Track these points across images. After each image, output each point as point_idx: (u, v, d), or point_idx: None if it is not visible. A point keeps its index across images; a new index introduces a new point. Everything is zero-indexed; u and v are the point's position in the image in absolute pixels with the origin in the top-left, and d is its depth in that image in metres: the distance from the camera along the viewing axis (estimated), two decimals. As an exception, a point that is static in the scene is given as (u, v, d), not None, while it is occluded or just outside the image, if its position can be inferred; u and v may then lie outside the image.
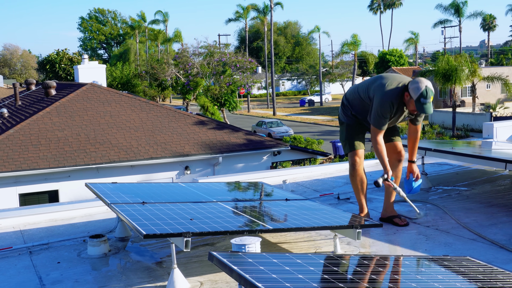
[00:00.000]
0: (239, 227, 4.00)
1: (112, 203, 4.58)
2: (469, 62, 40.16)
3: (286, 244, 4.75)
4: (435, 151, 6.44)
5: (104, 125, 19.60)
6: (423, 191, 6.50)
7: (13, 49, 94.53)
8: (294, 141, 32.94)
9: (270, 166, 20.48)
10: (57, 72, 64.06)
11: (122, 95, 22.00)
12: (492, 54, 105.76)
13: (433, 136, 36.60)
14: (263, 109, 71.10)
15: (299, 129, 47.71)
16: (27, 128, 18.70)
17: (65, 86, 24.84)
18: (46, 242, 5.08)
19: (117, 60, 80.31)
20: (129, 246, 4.87)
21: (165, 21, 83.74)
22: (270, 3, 62.22)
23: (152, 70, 48.11)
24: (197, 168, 19.40)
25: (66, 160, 17.47)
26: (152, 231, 3.61)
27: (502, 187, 6.53)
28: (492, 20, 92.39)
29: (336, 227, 4.25)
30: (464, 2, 65.59)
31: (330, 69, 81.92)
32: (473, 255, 4.16)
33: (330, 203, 6.10)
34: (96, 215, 6.12)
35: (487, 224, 5.02)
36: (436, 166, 8.09)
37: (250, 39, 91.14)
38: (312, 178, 7.80)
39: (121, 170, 18.15)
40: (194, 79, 40.62)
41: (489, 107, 47.26)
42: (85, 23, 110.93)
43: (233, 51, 50.22)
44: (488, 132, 9.75)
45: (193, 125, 20.66)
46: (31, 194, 17.20)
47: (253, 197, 5.91)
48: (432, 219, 5.29)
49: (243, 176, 7.67)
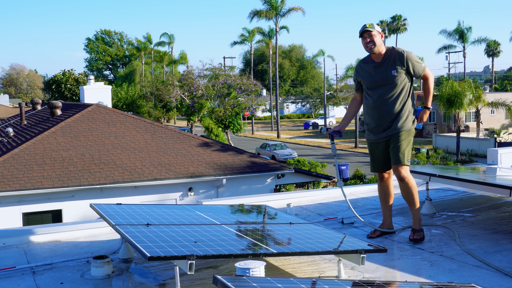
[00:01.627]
0: (243, 251, 4.00)
1: (116, 224, 4.58)
2: (473, 88, 40.28)
3: (290, 268, 4.73)
4: (440, 177, 6.44)
5: (108, 146, 19.66)
6: (427, 216, 6.48)
7: (19, 69, 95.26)
8: (298, 164, 32.95)
9: (274, 189, 20.45)
10: (63, 92, 64.47)
11: (127, 116, 22.10)
12: (496, 79, 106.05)
13: (437, 161, 36.54)
14: (267, 132, 71.24)
15: (303, 152, 47.73)
16: (32, 147, 18.76)
17: (71, 106, 24.99)
18: (50, 262, 5.07)
19: (122, 81, 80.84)
20: (133, 267, 4.86)
21: (170, 43, 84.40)
22: (276, 26, 62.68)
23: (157, 92, 48.35)
24: (201, 189, 19.40)
25: (70, 180, 17.49)
26: (156, 254, 3.61)
27: (506, 213, 6.51)
28: (496, 46, 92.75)
29: (340, 252, 4.24)
30: (468, 28, 66.00)
31: (334, 93, 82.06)
32: (478, 282, 4.14)
33: (334, 227, 6.09)
34: (100, 236, 6.11)
35: (492, 251, 4.99)
36: (441, 192, 8.08)
37: (255, 62, 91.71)
38: (316, 202, 7.79)
39: (125, 191, 18.16)
40: (199, 100, 40.78)
41: (494, 132, 47.24)
42: (91, 44, 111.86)
43: (238, 74, 50.43)
44: (493, 158, 9.75)
45: (198, 147, 20.70)
46: (34, 213, 17.20)
47: (257, 220, 5.91)
48: (437, 245, 5.27)
49: (247, 199, 7.67)
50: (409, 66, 5.37)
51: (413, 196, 5.44)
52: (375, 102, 5.46)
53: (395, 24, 71.95)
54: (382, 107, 5.42)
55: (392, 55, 5.40)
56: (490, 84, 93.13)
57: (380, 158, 5.60)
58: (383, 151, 5.55)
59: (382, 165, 5.62)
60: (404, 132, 5.40)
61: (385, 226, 5.71)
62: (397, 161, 5.39)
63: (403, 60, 5.36)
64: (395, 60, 5.37)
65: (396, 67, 5.35)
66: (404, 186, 5.44)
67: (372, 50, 5.38)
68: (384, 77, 5.37)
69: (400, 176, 5.40)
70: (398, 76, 5.35)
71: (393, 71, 5.35)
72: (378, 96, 5.43)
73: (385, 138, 5.49)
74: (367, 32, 5.36)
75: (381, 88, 5.41)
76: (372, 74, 5.47)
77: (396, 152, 5.40)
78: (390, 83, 5.37)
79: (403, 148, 5.39)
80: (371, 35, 5.35)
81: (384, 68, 5.39)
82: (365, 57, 5.62)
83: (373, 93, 5.47)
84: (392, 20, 72.35)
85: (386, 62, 5.40)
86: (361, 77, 5.59)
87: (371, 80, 5.48)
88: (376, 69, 5.44)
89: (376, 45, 5.36)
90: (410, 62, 5.37)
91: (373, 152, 5.67)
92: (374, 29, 5.36)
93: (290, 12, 60.61)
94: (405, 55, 5.37)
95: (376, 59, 5.46)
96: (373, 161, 5.70)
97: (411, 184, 5.43)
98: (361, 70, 5.60)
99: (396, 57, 5.38)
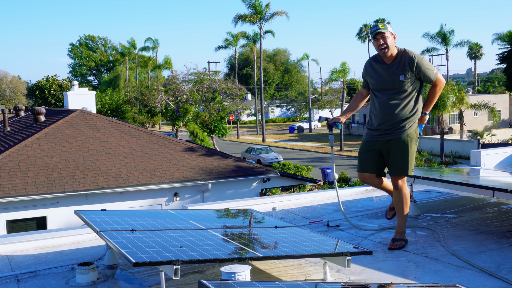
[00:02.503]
0: (228, 255, 4.00)
1: (101, 230, 4.56)
2: (456, 90, 40.66)
3: (276, 272, 4.73)
4: (424, 179, 6.48)
5: (93, 152, 19.55)
6: (412, 218, 6.52)
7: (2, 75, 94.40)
8: (283, 167, 32.98)
9: (260, 193, 20.46)
10: (47, 98, 64.01)
11: (111, 122, 22.00)
12: (479, 82, 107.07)
13: (422, 163, 36.79)
14: (252, 136, 71.27)
15: (289, 155, 47.80)
16: (15, 154, 18.61)
17: (55, 112, 24.82)
18: (34, 269, 5.03)
19: (107, 86, 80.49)
20: (118, 273, 4.84)
21: (155, 48, 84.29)
22: (260, 31, 62.81)
23: (142, 97, 48.22)
24: (187, 194, 19.35)
25: (54, 187, 17.36)
26: (142, 259, 3.60)
27: (490, 214, 6.57)
28: (479, 49, 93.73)
29: (326, 255, 4.25)
30: (451, 31, 66.53)
31: (319, 96, 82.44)
32: (462, 282, 4.17)
33: (319, 230, 6.10)
34: (85, 243, 6.08)
35: (476, 252, 5.04)
36: (425, 194, 8.13)
37: (240, 66, 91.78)
38: (301, 205, 7.80)
39: (110, 197, 18.06)
40: (183, 105, 40.74)
41: (477, 134, 47.71)
42: (75, 49, 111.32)
43: (222, 78, 50.48)
44: (476, 160, 9.83)
45: (183, 152, 20.66)
46: (19, 220, 17.05)
47: (242, 224, 5.91)
48: (421, 247, 5.31)
49: (233, 203, 7.66)
50: (419, 72, 5.20)
51: (404, 206, 5.38)
52: (380, 104, 5.32)
53: (378, 27, 72.37)
54: (387, 110, 5.27)
55: (402, 59, 5.22)
56: (473, 87, 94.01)
57: (370, 155, 5.44)
58: (378, 152, 5.41)
59: (370, 163, 5.45)
60: (407, 139, 5.27)
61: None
62: (400, 171, 5.29)
63: (413, 65, 5.17)
64: (404, 65, 5.19)
65: (405, 72, 5.17)
66: (398, 194, 5.38)
67: (385, 54, 5.17)
68: (392, 81, 5.22)
69: (398, 185, 5.34)
70: (405, 81, 5.18)
71: (401, 76, 5.18)
72: (385, 99, 5.28)
73: (384, 141, 5.34)
74: (381, 34, 5.16)
75: (387, 91, 5.27)
76: (380, 75, 5.31)
77: (397, 160, 5.29)
78: (397, 88, 5.22)
79: (406, 157, 5.27)
80: (385, 37, 5.15)
81: (392, 71, 5.22)
82: (376, 55, 5.41)
83: (380, 94, 5.33)
84: (376, 23, 72.90)
85: (395, 66, 5.22)
86: (369, 76, 5.43)
87: (378, 81, 5.33)
88: (384, 70, 5.27)
89: (390, 48, 5.17)
90: (421, 68, 5.19)
91: (366, 148, 5.47)
92: (387, 30, 5.17)
93: (274, 16, 60.78)
94: (416, 60, 5.17)
95: (387, 61, 5.27)
96: (362, 157, 5.50)
97: (404, 193, 5.38)
98: (370, 69, 5.42)
99: (406, 61, 5.20)
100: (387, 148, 5.35)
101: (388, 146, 5.35)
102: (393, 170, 5.36)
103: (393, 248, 5.24)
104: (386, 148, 5.36)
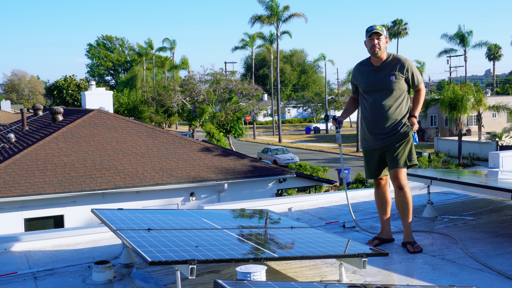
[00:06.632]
0: (244, 255, 4.00)
1: (117, 229, 4.59)
2: (474, 91, 40.32)
3: (291, 272, 4.73)
4: (441, 180, 6.44)
5: (110, 151, 19.67)
6: (429, 220, 6.48)
7: (21, 75, 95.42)
8: (299, 168, 32.93)
9: (276, 193, 20.44)
10: (65, 98, 64.58)
11: (128, 121, 22.12)
12: (497, 83, 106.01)
13: (439, 164, 36.52)
14: (268, 136, 71.25)
15: (305, 156, 47.72)
16: (33, 153, 18.78)
17: (72, 112, 25.02)
18: (51, 267, 5.07)
19: (124, 86, 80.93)
20: (134, 272, 4.86)
21: (172, 48, 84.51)
22: (277, 31, 62.73)
23: (159, 97, 48.45)
24: (203, 194, 19.39)
25: (72, 186, 17.50)
26: (158, 258, 3.61)
27: (508, 217, 6.50)
28: (497, 50, 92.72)
29: (342, 256, 4.24)
30: (469, 32, 66.01)
31: (335, 97, 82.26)
32: (480, 285, 4.14)
33: (335, 231, 6.08)
34: (102, 241, 6.12)
35: (493, 254, 4.99)
36: (442, 195, 8.07)
37: (256, 66, 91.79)
38: (317, 206, 7.78)
39: (126, 196, 18.15)
40: (200, 106, 40.85)
41: (495, 136, 47.25)
42: (93, 49, 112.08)
43: (239, 79, 50.49)
44: (494, 162, 9.74)
45: (199, 152, 20.71)
46: (36, 219, 17.20)
47: (258, 224, 5.91)
48: (438, 249, 5.27)
49: (249, 203, 7.67)
50: (409, 75, 5.36)
51: (408, 207, 5.37)
52: (371, 106, 5.41)
53: (396, 28, 71.94)
54: (378, 112, 5.36)
55: (394, 61, 5.38)
56: (491, 88, 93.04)
57: (376, 164, 5.53)
58: (379, 158, 5.49)
59: (378, 171, 5.55)
60: (401, 138, 5.35)
61: (383, 233, 5.59)
62: (396, 165, 5.33)
63: (404, 68, 5.34)
64: (395, 67, 5.35)
65: (396, 73, 5.32)
66: (401, 195, 5.37)
67: (376, 54, 5.33)
68: (382, 82, 5.34)
69: (400, 184, 5.34)
70: (396, 82, 5.32)
71: (392, 76, 5.32)
72: (374, 101, 5.38)
73: (381, 145, 5.42)
74: (377, 34, 5.32)
75: (377, 93, 5.37)
76: (369, 77, 5.43)
77: (394, 157, 5.34)
78: (387, 89, 5.33)
79: (402, 153, 5.34)
80: (379, 38, 5.32)
81: (383, 73, 5.35)
82: (364, 60, 5.58)
83: (370, 97, 5.42)
84: (393, 24, 72.39)
85: (385, 68, 5.37)
86: (358, 81, 5.56)
87: (367, 83, 5.44)
88: (373, 73, 5.41)
89: (381, 49, 5.33)
90: (412, 71, 5.37)
91: (369, 159, 5.59)
92: (383, 33, 5.34)
93: (291, 17, 60.64)
94: (407, 64, 5.36)
95: (375, 63, 5.42)
96: (369, 168, 5.62)
97: (408, 194, 5.37)
98: (358, 73, 5.56)
99: (397, 64, 5.36)
100: (386, 149, 5.44)
101: (386, 149, 5.44)
102: (389, 166, 5.41)
103: (415, 251, 5.19)
104: (385, 149, 5.45)
